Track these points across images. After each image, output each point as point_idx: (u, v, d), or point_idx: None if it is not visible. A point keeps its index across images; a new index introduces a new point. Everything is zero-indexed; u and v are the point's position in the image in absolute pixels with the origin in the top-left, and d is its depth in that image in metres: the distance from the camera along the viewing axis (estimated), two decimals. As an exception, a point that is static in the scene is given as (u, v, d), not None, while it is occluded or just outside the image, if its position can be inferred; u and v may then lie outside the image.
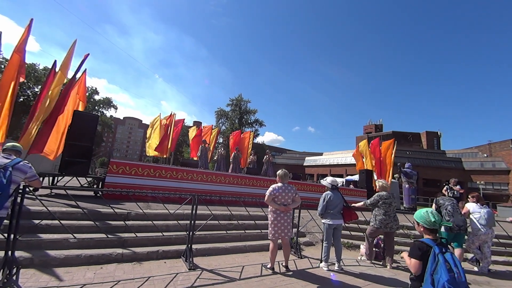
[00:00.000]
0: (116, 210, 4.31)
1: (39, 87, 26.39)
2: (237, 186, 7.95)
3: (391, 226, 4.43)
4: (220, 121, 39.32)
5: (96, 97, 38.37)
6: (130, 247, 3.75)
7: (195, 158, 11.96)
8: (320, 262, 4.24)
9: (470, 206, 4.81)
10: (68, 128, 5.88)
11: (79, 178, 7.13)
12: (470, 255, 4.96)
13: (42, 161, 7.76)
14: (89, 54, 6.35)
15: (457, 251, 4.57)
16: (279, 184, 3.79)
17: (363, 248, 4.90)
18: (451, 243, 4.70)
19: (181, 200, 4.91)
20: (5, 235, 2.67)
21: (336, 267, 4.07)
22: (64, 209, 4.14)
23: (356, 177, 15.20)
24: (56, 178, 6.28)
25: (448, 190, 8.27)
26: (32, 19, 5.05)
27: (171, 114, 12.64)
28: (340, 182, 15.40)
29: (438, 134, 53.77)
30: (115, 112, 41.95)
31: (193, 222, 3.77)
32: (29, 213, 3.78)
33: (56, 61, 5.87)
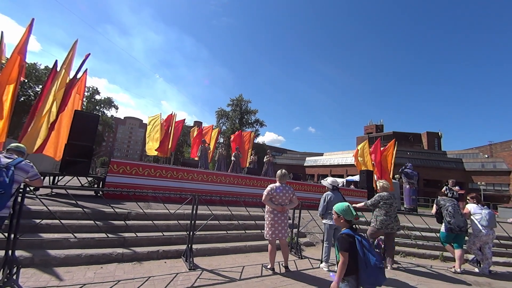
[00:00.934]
0: (117, 210, 4.32)
1: (40, 87, 26.47)
2: (238, 186, 7.95)
3: (392, 227, 4.41)
4: (221, 121, 39.37)
5: (97, 97, 38.53)
6: (131, 247, 3.75)
7: (196, 158, 11.96)
8: (321, 263, 4.23)
9: (471, 207, 4.79)
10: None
11: (80, 178, 7.15)
12: (471, 256, 4.94)
13: (43, 161, 7.78)
14: (90, 54, 6.36)
15: (458, 252, 4.54)
16: (277, 184, 3.78)
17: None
18: (452, 244, 4.69)
19: (182, 200, 4.92)
20: (6, 235, 2.67)
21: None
22: (65, 209, 4.14)
23: (357, 178, 15.20)
24: (57, 178, 6.30)
25: (447, 191, 8.27)
26: (33, 19, 5.04)
27: (172, 114, 12.66)
28: (341, 183, 15.42)
29: (439, 135, 53.75)
30: (116, 112, 42.15)
31: (194, 222, 3.77)
32: (30, 213, 3.79)
33: (57, 61, 5.88)
